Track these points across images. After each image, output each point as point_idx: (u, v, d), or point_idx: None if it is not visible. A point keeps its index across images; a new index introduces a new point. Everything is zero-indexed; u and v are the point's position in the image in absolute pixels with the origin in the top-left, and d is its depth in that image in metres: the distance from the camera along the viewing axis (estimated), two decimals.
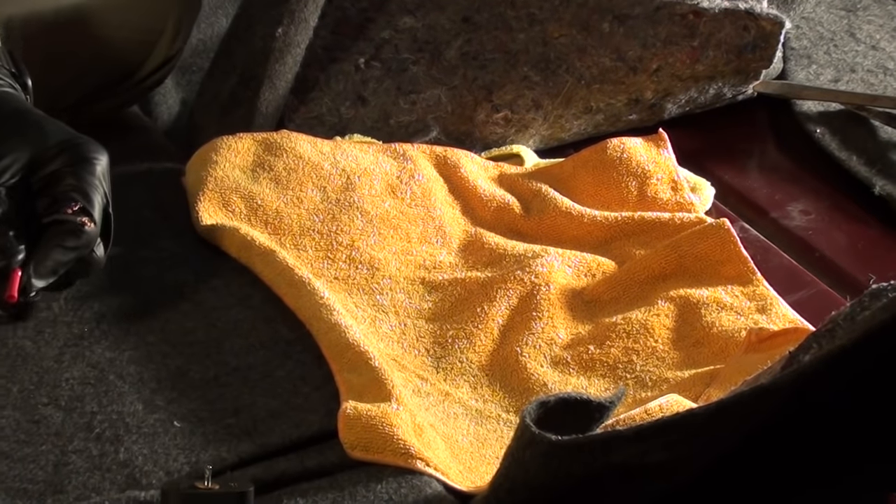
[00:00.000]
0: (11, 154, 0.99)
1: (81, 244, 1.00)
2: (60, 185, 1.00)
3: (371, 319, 1.13)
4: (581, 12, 1.34)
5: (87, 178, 1.00)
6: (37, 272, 0.98)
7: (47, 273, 0.99)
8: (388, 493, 0.96)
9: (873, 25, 1.59)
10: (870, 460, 0.85)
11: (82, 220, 0.99)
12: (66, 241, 0.99)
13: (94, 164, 1.01)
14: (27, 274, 0.98)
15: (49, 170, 1.00)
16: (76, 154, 1.01)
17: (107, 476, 0.95)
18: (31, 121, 1.02)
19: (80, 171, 1.00)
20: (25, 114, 1.03)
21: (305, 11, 1.26)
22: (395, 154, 1.27)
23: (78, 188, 1.00)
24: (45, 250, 0.99)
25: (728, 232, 1.21)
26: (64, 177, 1.00)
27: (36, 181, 1.00)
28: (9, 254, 0.97)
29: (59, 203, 0.99)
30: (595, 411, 0.89)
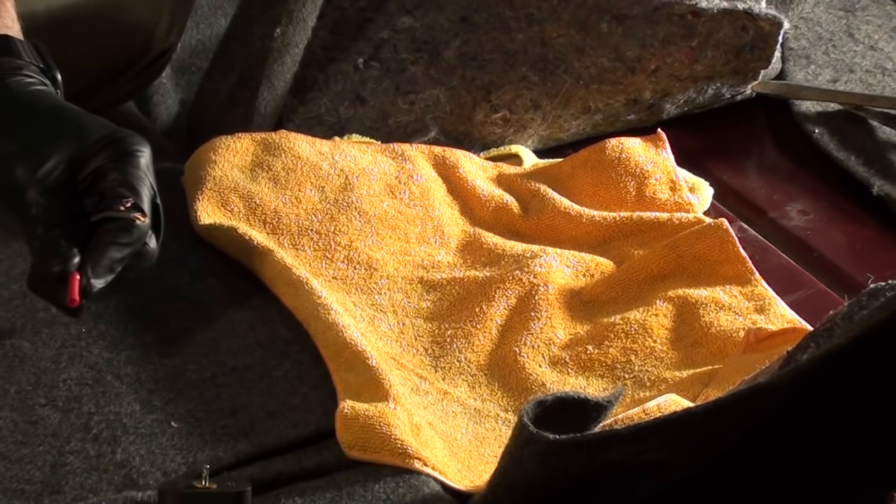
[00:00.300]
0: (54, 154, 0.97)
1: (135, 239, 0.97)
2: (106, 181, 0.97)
3: (369, 319, 1.13)
4: (579, 12, 1.35)
5: (133, 171, 0.98)
6: (95, 273, 0.96)
7: (105, 272, 0.96)
8: (385, 492, 0.96)
9: (872, 26, 1.59)
10: (868, 460, 0.85)
11: (134, 216, 0.97)
12: (120, 238, 0.96)
13: (138, 156, 0.98)
14: (85, 276, 0.95)
15: (93, 166, 0.98)
16: (119, 148, 0.98)
17: (104, 476, 0.95)
18: (70, 117, 1.00)
19: (124, 165, 0.98)
20: (63, 110, 1.00)
21: (304, 11, 1.26)
22: (393, 154, 1.27)
23: (125, 183, 0.97)
24: (101, 249, 0.96)
25: (726, 232, 1.21)
26: (109, 172, 0.97)
27: (81, 179, 0.98)
28: (63, 258, 0.95)
29: (107, 200, 0.97)
30: (593, 410, 0.89)
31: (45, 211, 0.96)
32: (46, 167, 0.96)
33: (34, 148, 0.97)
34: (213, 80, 1.33)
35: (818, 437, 0.84)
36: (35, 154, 0.97)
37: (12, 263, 1.13)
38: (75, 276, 0.95)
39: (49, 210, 0.96)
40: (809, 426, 0.83)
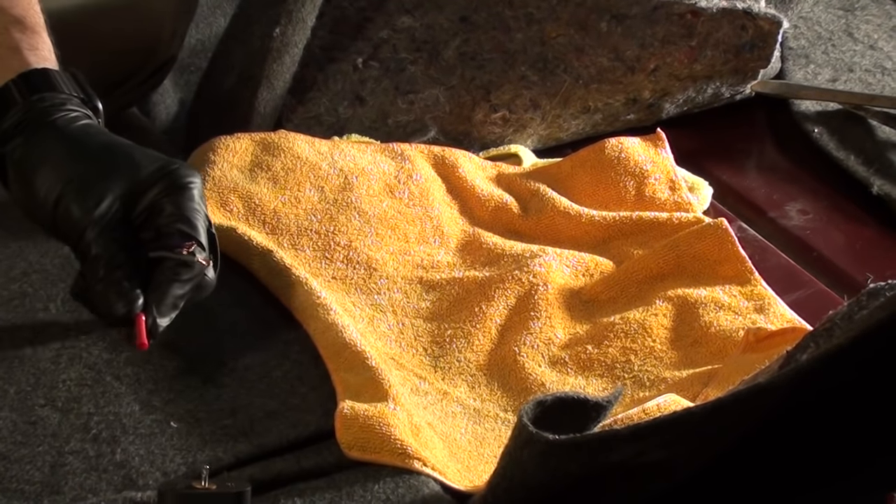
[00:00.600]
0: (108, 192, 0.97)
1: (196, 275, 0.98)
2: (162, 217, 0.98)
3: (369, 319, 1.13)
4: (579, 12, 1.34)
5: (188, 205, 0.98)
6: (160, 312, 0.97)
7: (169, 310, 0.97)
8: (385, 493, 0.96)
9: (871, 25, 1.59)
10: (868, 460, 0.85)
11: (198, 260, 0.97)
12: (182, 276, 0.97)
13: (191, 188, 0.99)
14: (151, 316, 0.96)
15: (147, 201, 0.98)
16: (171, 181, 0.98)
17: (103, 477, 0.95)
18: (121, 152, 1.00)
19: (178, 199, 0.98)
20: (113, 146, 1.01)
21: (303, 11, 1.26)
22: (392, 154, 1.27)
23: (181, 217, 0.98)
24: (164, 288, 0.97)
25: (726, 231, 1.21)
26: (164, 207, 0.98)
27: (136, 216, 0.98)
28: (127, 299, 0.96)
29: (165, 237, 0.98)
30: (592, 410, 0.89)
31: (105, 251, 0.96)
32: (103, 206, 0.97)
33: (89, 187, 0.97)
34: (212, 79, 1.33)
35: (818, 437, 0.84)
36: (90, 193, 0.97)
37: (12, 264, 1.13)
38: (141, 317, 0.96)
39: (109, 250, 0.96)
40: (809, 426, 0.83)
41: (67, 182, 0.97)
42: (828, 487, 0.86)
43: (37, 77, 1.01)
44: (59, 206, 0.97)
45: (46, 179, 0.98)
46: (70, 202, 0.97)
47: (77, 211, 0.97)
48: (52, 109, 1.00)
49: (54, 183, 0.97)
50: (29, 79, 1.01)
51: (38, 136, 0.99)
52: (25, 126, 1.00)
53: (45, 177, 0.98)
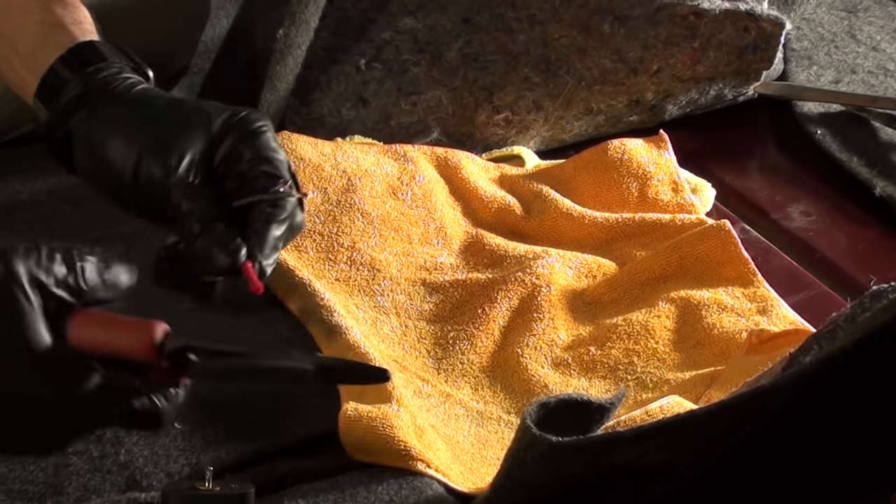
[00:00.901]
0: (187, 148, 0.95)
1: (290, 213, 0.96)
2: (242, 163, 0.96)
3: (372, 321, 1.13)
4: (581, 13, 1.34)
5: (266, 146, 0.96)
6: (264, 255, 0.94)
7: (272, 252, 0.94)
8: (388, 494, 0.96)
9: (874, 27, 1.59)
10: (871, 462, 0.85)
11: (297, 195, 0.96)
12: (277, 216, 0.95)
13: (265, 130, 0.97)
14: (258, 262, 0.94)
15: (223, 152, 0.96)
16: (243, 128, 0.96)
17: (107, 478, 0.95)
18: (189, 108, 0.98)
19: (255, 143, 0.96)
20: (179, 102, 0.99)
21: (306, 13, 1.26)
22: (395, 155, 1.27)
23: (262, 160, 0.96)
24: (262, 231, 0.94)
25: (729, 233, 1.21)
26: (243, 153, 0.96)
27: (217, 166, 0.96)
28: (230, 249, 0.93)
29: (250, 181, 0.95)
30: (596, 413, 0.89)
31: (198, 206, 0.94)
32: (185, 163, 0.95)
33: (166, 146, 0.95)
34: (215, 81, 1.33)
35: (821, 439, 0.84)
36: (169, 152, 0.95)
37: None
38: (248, 265, 0.93)
39: (201, 205, 0.94)
40: (812, 428, 0.83)
41: (143, 146, 0.95)
42: (831, 489, 0.86)
43: (86, 50, 0.99)
44: (139, 172, 0.95)
45: (121, 148, 0.95)
46: (150, 165, 0.95)
47: (159, 172, 0.94)
48: (109, 79, 0.98)
49: (129, 149, 0.95)
50: (79, 52, 0.99)
51: (101, 106, 0.97)
52: (86, 99, 0.97)
53: (118, 145, 0.95)
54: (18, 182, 1.24)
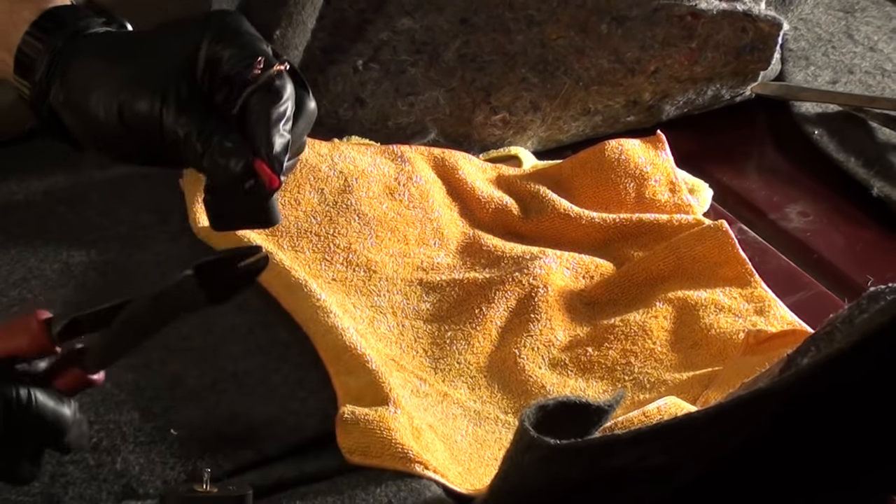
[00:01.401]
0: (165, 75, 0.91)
1: (286, 93, 0.91)
2: (223, 65, 0.92)
3: (369, 320, 1.13)
4: (579, 14, 1.34)
5: (241, 39, 0.92)
6: (270, 146, 0.89)
7: (281, 141, 0.90)
8: (387, 496, 0.96)
9: (871, 27, 1.59)
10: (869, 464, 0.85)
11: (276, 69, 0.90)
12: (271, 99, 0.90)
13: (237, 24, 0.93)
14: (267, 155, 0.89)
15: (203, 61, 0.92)
16: (215, 30, 0.92)
17: (103, 486, 0.95)
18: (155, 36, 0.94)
19: (229, 41, 0.92)
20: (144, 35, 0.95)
21: (303, 13, 1.26)
22: (392, 156, 1.27)
23: (242, 53, 0.91)
24: (262, 121, 0.90)
25: (726, 234, 1.21)
26: (221, 55, 0.92)
27: (200, 81, 0.92)
28: (239, 152, 0.89)
29: (235, 81, 0.91)
30: (594, 415, 0.89)
31: (193, 126, 0.91)
32: (168, 88, 0.91)
33: (144, 79, 0.92)
34: None
35: (819, 441, 0.84)
36: (148, 83, 0.92)
37: (11, 269, 1.13)
38: (258, 162, 0.89)
39: (196, 124, 0.91)
40: (810, 430, 0.83)
41: (121, 89, 0.92)
42: (829, 492, 0.86)
43: (49, 19, 0.96)
44: (124, 114, 0.92)
45: (100, 100, 0.93)
46: (132, 105, 0.92)
47: (144, 106, 0.91)
48: (75, 41, 0.95)
49: (110, 97, 0.92)
50: (42, 25, 0.96)
51: (71, 69, 0.94)
52: (55, 69, 0.95)
53: (97, 99, 0.93)
54: (14, 183, 1.24)
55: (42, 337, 0.88)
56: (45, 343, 0.89)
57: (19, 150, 1.28)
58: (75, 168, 1.26)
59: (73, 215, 1.21)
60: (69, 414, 0.89)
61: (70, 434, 0.89)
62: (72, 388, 0.89)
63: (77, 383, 0.89)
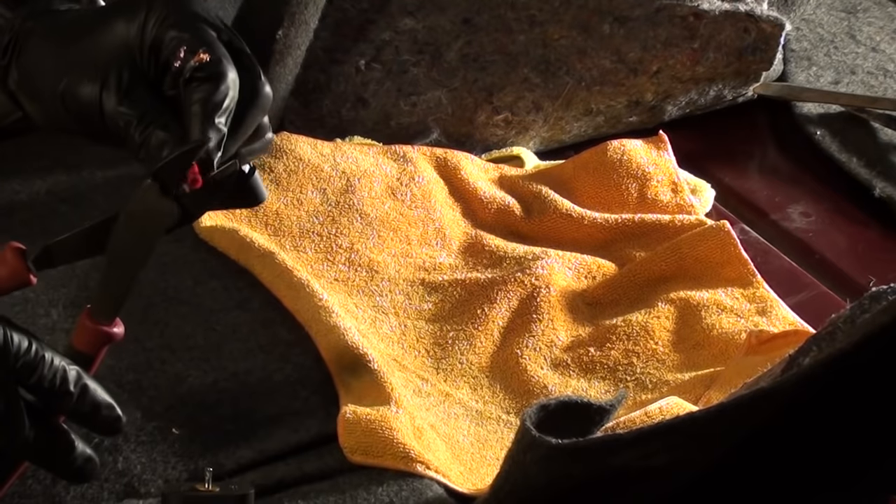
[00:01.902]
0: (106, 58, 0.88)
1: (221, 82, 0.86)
2: (164, 50, 0.88)
3: (371, 320, 1.13)
4: (581, 14, 1.34)
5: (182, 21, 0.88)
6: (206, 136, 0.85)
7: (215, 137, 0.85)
8: (388, 496, 0.96)
9: (873, 27, 1.59)
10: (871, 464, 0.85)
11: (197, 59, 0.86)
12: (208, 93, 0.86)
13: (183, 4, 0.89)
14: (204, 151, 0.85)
15: (147, 42, 0.88)
16: (161, 9, 0.89)
17: (105, 486, 0.95)
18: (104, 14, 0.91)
19: (173, 21, 0.88)
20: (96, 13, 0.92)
21: (306, 13, 1.26)
22: (395, 156, 1.27)
23: (180, 38, 0.87)
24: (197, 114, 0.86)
25: (728, 234, 1.21)
26: (162, 37, 0.88)
27: (145, 64, 0.89)
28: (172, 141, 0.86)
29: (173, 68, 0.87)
30: (595, 414, 0.89)
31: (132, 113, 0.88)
32: (109, 74, 0.89)
33: (84, 64, 0.89)
34: None
35: (821, 441, 0.84)
36: (88, 68, 0.89)
37: None
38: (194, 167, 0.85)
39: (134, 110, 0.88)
40: (812, 430, 0.83)
41: (63, 72, 0.90)
42: (830, 492, 0.86)
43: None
44: (66, 99, 0.90)
45: (46, 82, 0.91)
46: (74, 88, 0.89)
47: (85, 91, 0.89)
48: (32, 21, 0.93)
49: (54, 80, 0.90)
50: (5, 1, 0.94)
51: (24, 50, 0.92)
52: (11, 48, 0.93)
53: (43, 81, 0.91)
54: (17, 182, 1.24)
55: (19, 266, 0.87)
56: (22, 271, 0.87)
57: (21, 149, 1.28)
58: (78, 167, 1.26)
59: (75, 215, 1.21)
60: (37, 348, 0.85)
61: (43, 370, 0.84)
62: (94, 345, 0.87)
63: (96, 339, 0.87)
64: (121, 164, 1.26)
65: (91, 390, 0.86)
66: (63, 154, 1.27)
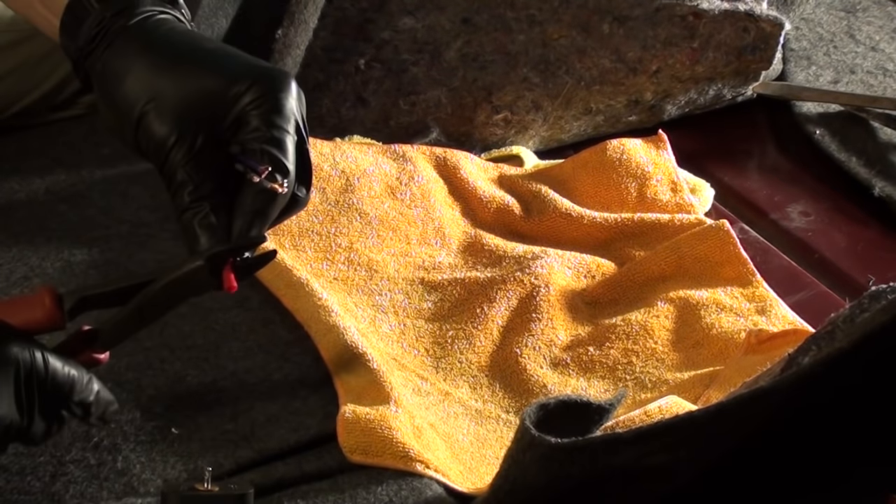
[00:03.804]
0: (195, 110, 0.89)
1: (278, 205, 0.90)
2: (247, 131, 0.89)
3: (370, 319, 1.13)
4: (581, 13, 1.35)
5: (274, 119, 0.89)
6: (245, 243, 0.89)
7: (256, 239, 0.89)
8: (388, 495, 0.96)
9: (873, 27, 1.59)
10: (869, 463, 0.85)
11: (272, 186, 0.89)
12: (264, 208, 0.89)
13: (281, 100, 0.90)
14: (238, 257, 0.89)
15: (235, 114, 0.90)
16: (262, 91, 0.90)
17: (104, 485, 0.95)
18: (210, 61, 0.91)
19: (266, 112, 0.89)
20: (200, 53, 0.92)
21: (305, 13, 1.26)
22: (394, 155, 1.27)
23: (265, 135, 0.89)
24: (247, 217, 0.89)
25: (727, 233, 1.21)
26: (250, 121, 0.89)
27: (225, 129, 0.90)
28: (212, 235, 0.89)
29: (249, 154, 0.89)
30: (595, 413, 0.89)
31: (192, 178, 0.89)
32: (189, 124, 0.89)
33: (174, 102, 0.90)
34: None
35: (820, 440, 0.84)
36: (175, 109, 0.90)
37: (12, 268, 1.13)
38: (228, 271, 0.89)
39: (195, 177, 0.89)
40: (811, 429, 0.83)
41: (150, 97, 0.90)
42: (830, 490, 0.86)
43: None
44: (141, 124, 0.90)
45: (129, 93, 0.90)
46: (153, 120, 0.89)
47: (161, 130, 0.89)
48: (130, 14, 0.92)
49: (137, 97, 0.90)
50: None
51: (118, 44, 0.92)
52: (104, 35, 0.92)
53: (127, 90, 0.90)
54: (16, 181, 1.24)
55: (55, 312, 0.90)
56: (58, 318, 0.90)
57: (20, 147, 1.28)
58: (77, 166, 1.26)
59: (74, 214, 1.21)
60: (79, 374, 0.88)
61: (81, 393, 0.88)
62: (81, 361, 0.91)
63: (85, 361, 0.91)
64: (120, 164, 1.26)
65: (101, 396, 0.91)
66: (62, 153, 1.27)
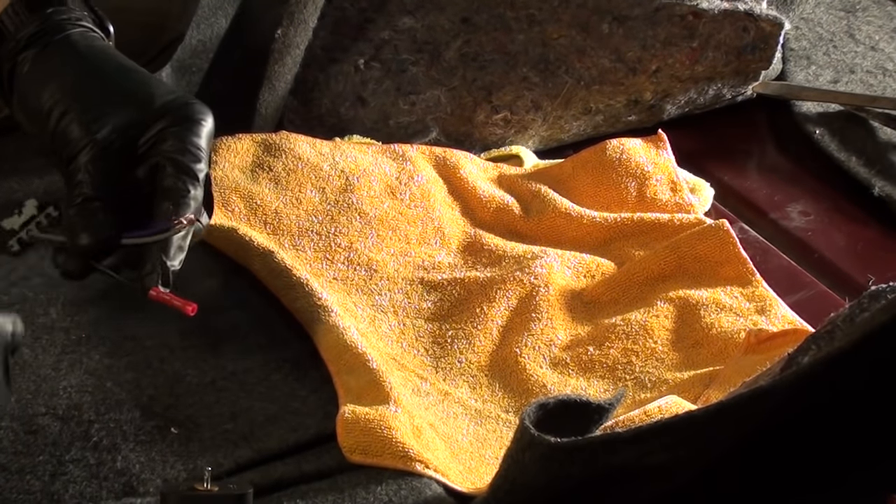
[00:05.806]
0: (114, 117, 0.93)
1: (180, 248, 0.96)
2: (162, 147, 0.94)
3: (370, 319, 1.13)
4: (580, 13, 1.35)
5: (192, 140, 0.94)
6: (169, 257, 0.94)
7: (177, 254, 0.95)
8: (387, 495, 0.96)
9: (872, 26, 1.59)
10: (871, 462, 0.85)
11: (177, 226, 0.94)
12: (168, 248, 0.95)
13: (201, 124, 0.95)
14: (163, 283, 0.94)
15: (153, 133, 0.94)
16: (182, 115, 0.94)
17: (104, 485, 0.95)
18: (136, 79, 0.96)
19: (184, 132, 0.94)
20: (129, 71, 0.97)
21: (305, 12, 1.26)
22: (394, 155, 1.27)
23: (177, 163, 0.93)
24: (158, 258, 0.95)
25: (727, 233, 1.21)
26: (167, 138, 0.94)
27: (140, 146, 0.94)
28: (94, 231, 0.92)
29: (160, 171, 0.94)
30: (594, 413, 0.89)
31: (92, 179, 0.93)
32: (105, 131, 0.93)
33: (96, 108, 0.93)
34: (213, 80, 1.33)
35: (819, 439, 0.84)
36: (96, 114, 0.93)
37: (12, 267, 1.13)
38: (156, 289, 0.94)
39: (95, 178, 0.93)
40: (810, 429, 0.83)
41: (75, 98, 0.93)
42: (830, 490, 0.86)
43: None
44: (61, 121, 0.93)
45: (55, 93, 0.94)
46: (72, 120, 0.93)
47: (77, 130, 0.93)
48: (66, 24, 0.96)
49: (62, 97, 0.94)
50: None
51: (51, 49, 0.96)
52: (39, 38, 0.96)
53: (53, 90, 0.94)
54: (15, 181, 1.24)
55: None
56: None
57: (19, 147, 1.28)
58: None
59: None
60: None
61: None
62: None
63: None
64: None
65: None
66: None
